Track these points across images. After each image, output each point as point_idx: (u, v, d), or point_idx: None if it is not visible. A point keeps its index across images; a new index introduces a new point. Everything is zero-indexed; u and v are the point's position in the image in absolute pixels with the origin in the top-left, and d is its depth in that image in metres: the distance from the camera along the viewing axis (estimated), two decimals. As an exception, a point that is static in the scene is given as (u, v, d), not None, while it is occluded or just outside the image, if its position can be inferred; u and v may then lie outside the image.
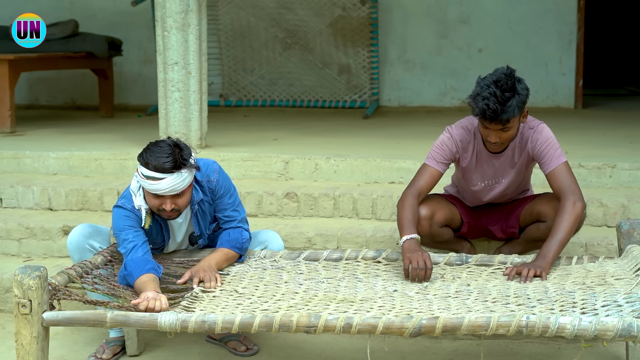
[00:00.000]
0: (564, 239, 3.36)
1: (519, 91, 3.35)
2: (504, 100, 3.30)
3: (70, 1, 8.56)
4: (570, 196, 3.41)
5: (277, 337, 3.77)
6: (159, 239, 3.49)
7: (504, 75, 3.37)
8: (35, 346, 2.82)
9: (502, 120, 3.33)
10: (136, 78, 8.66)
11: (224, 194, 3.51)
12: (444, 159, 3.61)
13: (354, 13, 7.99)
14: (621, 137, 5.96)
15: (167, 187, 3.22)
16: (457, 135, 3.59)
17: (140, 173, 3.26)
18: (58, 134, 6.35)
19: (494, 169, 3.62)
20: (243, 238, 3.51)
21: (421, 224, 3.57)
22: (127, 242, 3.29)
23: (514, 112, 3.33)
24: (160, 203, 3.28)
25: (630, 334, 2.61)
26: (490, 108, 3.30)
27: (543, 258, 3.31)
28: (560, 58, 8.15)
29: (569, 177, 3.48)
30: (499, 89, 3.31)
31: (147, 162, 3.22)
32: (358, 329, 2.72)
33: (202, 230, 3.54)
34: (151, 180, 3.22)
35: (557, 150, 3.51)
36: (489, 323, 2.67)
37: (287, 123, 6.97)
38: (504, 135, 3.42)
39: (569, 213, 3.38)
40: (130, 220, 3.34)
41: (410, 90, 8.39)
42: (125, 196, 3.41)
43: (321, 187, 4.76)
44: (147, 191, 3.29)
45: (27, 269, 2.84)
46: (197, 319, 2.79)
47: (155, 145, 3.28)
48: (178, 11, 4.94)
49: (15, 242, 4.50)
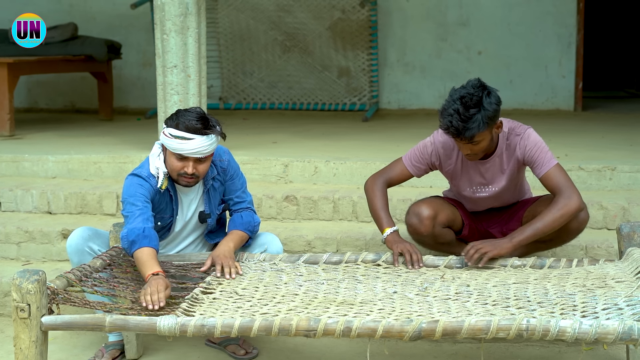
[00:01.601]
0: (540, 228, 3.39)
1: (485, 106, 3.32)
2: (467, 118, 3.29)
3: (70, 4, 8.56)
4: (566, 193, 3.43)
5: (277, 341, 3.76)
6: (167, 212, 3.50)
7: (472, 88, 3.35)
8: (34, 350, 2.81)
9: (466, 137, 3.33)
10: (135, 81, 8.66)
11: (234, 175, 3.59)
12: (420, 163, 3.64)
13: (354, 16, 7.99)
14: (621, 140, 5.96)
15: (194, 148, 3.29)
16: (439, 142, 3.60)
17: (168, 134, 3.33)
18: (57, 138, 6.35)
19: (481, 175, 3.62)
20: (255, 221, 3.57)
21: (424, 224, 3.59)
22: (135, 207, 3.30)
23: (478, 128, 3.31)
24: (182, 166, 3.34)
25: (631, 337, 2.60)
26: (453, 125, 3.31)
27: (510, 238, 3.38)
28: (560, 60, 8.15)
29: (564, 177, 3.49)
30: (463, 105, 3.30)
31: (178, 122, 3.31)
32: (358, 332, 2.71)
33: (212, 209, 3.56)
34: (180, 140, 3.29)
35: (547, 154, 3.52)
36: (489, 327, 2.67)
37: (286, 126, 6.97)
38: (475, 148, 3.41)
39: (557, 207, 3.41)
40: (143, 188, 3.37)
41: (409, 93, 8.39)
42: (141, 166, 3.47)
43: (321, 190, 4.76)
44: (170, 153, 3.35)
45: (25, 273, 2.83)
46: (196, 323, 2.78)
47: (185, 110, 3.41)
48: (177, 14, 4.94)
49: (14, 246, 4.50)
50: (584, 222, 3.60)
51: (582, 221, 3.58)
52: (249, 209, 3.62)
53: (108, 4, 8.54)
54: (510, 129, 3.56)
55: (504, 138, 3.55)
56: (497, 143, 3.54)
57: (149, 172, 3.41)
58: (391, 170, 3.68)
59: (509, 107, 8.00)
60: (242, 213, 3.58)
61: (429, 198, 3.77)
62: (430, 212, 3.60)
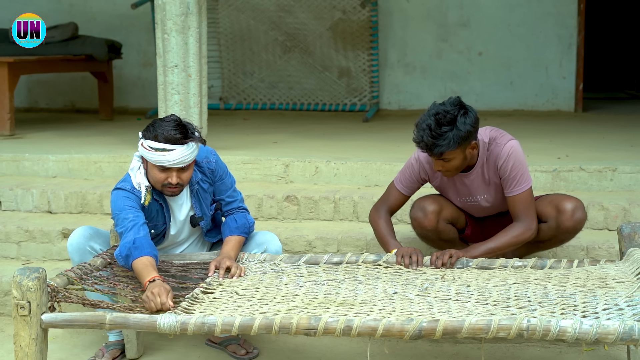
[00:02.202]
0: (493, 248, 3.49)
1: (459, 126, 3.32)
2: (438, 135, 3.31)
3: (70, 4, 8.56)
4: (525, 222, 3.50)
5: (277, 341, 3.76)
6: (159, 220, 3.48)
7: (449, 106, 3.35)
8: (34, 348, 2.81)
9: (435, 153, 3.35)
10: (136, 81, 8.66)
11: (223, 175, 3.57)
12: (410, 182, 3.68)
13: (354, 16, 7.99)
14: (622, 141, 5.96)
15: (176, 159, 3.26)
16: (423, 158, 3.61)
17: (147, 147, 3.28)
18: (57, 137, 6.35)
19: (466, 187, 3.63)
20: (249, 222, 3.58)
21: (429, 218, 3.60)
22: (127, 220, 3.28)
23: (448, 147, 3.32)
24: (166, 177, 3.31)
25: (631, 337, 2.59)
26: (423, 140, 3.35)
27: (464, 252, 3.46)
28: (560, 61, 8.14)
29: (529, 204, 3.52)
30: (436, 121, 3.32)
31: (157, 134, 3.26)
32: (358, 331, 2.70)
33: (203, 211, 3.54)
34: (161, 152, 3.25)
35: (523, 175, 3.51)
36: (490, 326, 2.66)
37: (287, 126, 6.97)
38: (447, 165, 3.42)
39: (513, 234, 3.50)
40: (130, 200, 3.34)
41: (410, 94, 8.38)
42: (124, 180, 3.44)
43: (321, 191, 4.75)
44: (152, 166, 3.31)
45: (26, 270, 2.83)
46: (196, 321, 2.78)
47: (161, 120, 3.34)
48: (178, 14, 4.94)
49: (14, 245, 4.49)
50: (581, 221, 3.60)
51: (578, 221, 3.58)
52: (240, 208, 3.61)
53: (108, 3, 8.54)
54: (491, 139, 3.54)
55: (485, 149, 3.53)
56: (477, 155, 3.53)
57: (132, 185, 3.39)
58: (388, 197, 3.72)
59: (510, 108, 8.02)
60: (235, 215, 3.56)
61: (434, 194, 3.78)
62: (435, 207, 3.62)
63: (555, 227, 3.59)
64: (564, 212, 3.56)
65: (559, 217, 3.56)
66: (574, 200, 3.61)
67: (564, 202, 3.58)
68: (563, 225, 3.57)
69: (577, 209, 3.57)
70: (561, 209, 3.56)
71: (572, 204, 3.58)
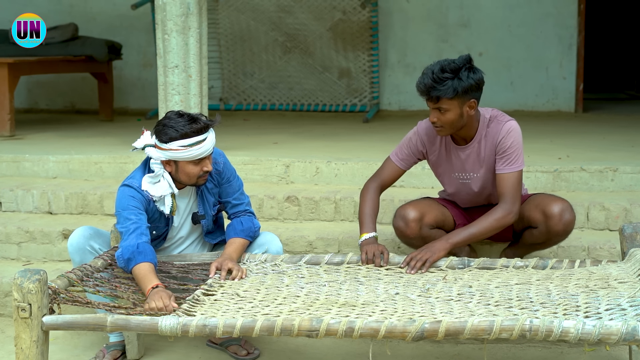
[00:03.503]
0: (475, 234, 3.48)
1: (461, 77, 3.37)
2: (439, 80, 3.37)
3: (70, 5, 8.56)
4: (508, 205, 3.49)
5: (279, 342, 3.75)
6: (162, 222, 3.49)
7: (458, 59, 3.42)
8: (34, 350, 2.80)
9: (432, 97, 3.40)
10: (136, 82, 8.65)
11: (231, 178, 3.57)
12: (407, 155, 3.69)
13: (354, 17, 7.99)
14: (622, 141, 5.96)
15: (210, 146, 3.34)
16: (423, 130, 3.66)
17: (179, 147, 3.28)
18: (58, 138, 6.34)
19: (461, 162, 3.63)
20: (255, 226, 3.56)
21: (410, 227, 3.60)
22: (129, 222, 3.28)
23: (446, 93, 3.36)
24: (201, 167, 3.36)
25: (634, 337, 2.59)
26: (423, 82, 3.40)
27: (447, 239, 3.45)
28: (560, 62, 8.14)
29: (515, 187, 3.51)
30: (440, 68, 3.39)
31: (183, 133, 3.28)
32: (360, 333, 2.70)
33: (206, 210, 3.54)
34: (197, 145, 3.29)
35: (518, 155, 3.52)
36: (492, 327, 2.66)
37: (287, 127, 6.97)
38: (442, 117, 3.44)
39: (495, 217, 3.48)
40: (135, 200, 3.35)
41: (410, 94, 8.36)
42: (133, 176, 3.44)
43: (322, 191, 4.75)
44: (185, 163, 3.33)
45: (26, 272, 2.82)
46: (198, 323, 2.77)
47: (168, 120, 3.34)
48: (178, 14, 4.93)
49: (14, 246, 4.49)
50: (570, 223, 3.57)
51: (567, 223, 3.56)
52: (247, 211, 3.59)
53: (108, 4, 8.54)
54: (492, 116, 3.57)
55: (485, 125, 3.56)
56: (477, 128, 3.55)
57: (140, 184, 3.38)
58: (382, 171, 3.72)
59: (510, 108, 8.01)
60: (242, 218, 3.55)
61: (417, 200, 3.77)
62: (415, 215, 3.60)
63: (546, 232, 3.57)
64: (551, 216, 3.53)
65: (548, 222, 3.54)
66: (560, 202, 3.57)
67: (551, 206, 3.55)
68: (553, 230, 3.55)
69: (564, 211, 3.54)
70: (548, 214, 3.53)
71: (559, 206, 3.54)
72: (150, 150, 3.38)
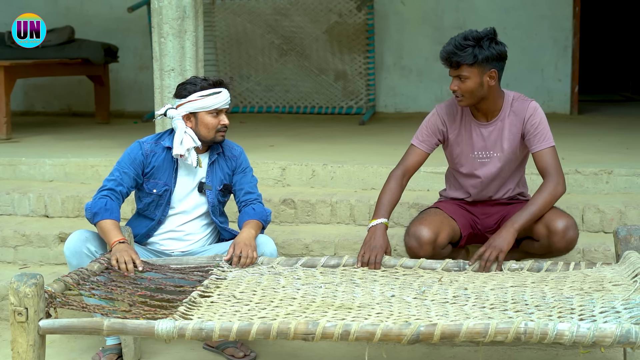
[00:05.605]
0: (534, 211, 3.48)
1: (484, 45, 3.44)
2: (461, 46, 3.44)
3: (66, 7, 8.57)
4: (555, 178, 3.52)
5: (275, 344, 3.76)
6: (162, 179, 3.61)
7: (484, 31, 3.49)
8: (31, 354, 2.80)
9: (453, 62, 3.46)
10: (132, 84, 8.66)
11: (247, 169, 3.75)
12: (427, 136, 3.71)
13: (350, 19, 8.00)
14: (617, 143, 5.98)
15: (226, 98, 3.62)
16: (442, 109, 3.71)
17: (198, 97, 3.56)
18: (54, 141, 6.34)
19: (483, 140, 3.63)
20: (267, 212, 3.69)
21: (424, 249, 3.52)
22: (111, 178, 3.56)
23: (466, 59, 3.42)
24: (219, 120, 3.59)
25: (628, 340, 2.60)
26: (445, 49, 3.50)
27: (511, 224, 3.44)
28: (555, 64, 8.17)
29: (556, 160, 3.57)
30: (463, 36, 3.48)
31: (201, 85, 3.58)
32: (356, 336, 2.70)
33: (213, 183, 3.66)
34: (214, 95, 3.58)
35: (549, 132, 3.60)
36: (488, 330, 2.66)
37: (283, 129, 6.98)
38: (462, 85, 3.48)
39: (548, 192, 3.50)
40: (129, 157, 3.59)
41: (406, 97, 8.40)
42: (150, 138, 3.67)
43: (318, 194, 4.76)
44: (204, 114, 3.57)
45: (23, 276, 2.82)
46: (194, 326, 2.77)
47: (187, 81, 3.67)
48: (174, 17, 4.94)
49: (11, 250, 4.49)
50: (573, 241, 3.55)
51: (570, 241, 3.53)
52: (257, 200, 3.70)
53: (105, 7, 8.54)
54: (515, 97, 3.63)
55: (509, 103, 3.60)
56: (501, 105, 3.59)
57: (152, 144, 3.62)
58: (405, 157, 3.74)
59: (506, 110, 8.03)
60: (254, 205, 3.66)
61: (430, 216, 3.65)
62: (430, 236, 3.51)
63: (547, 246, 3.55)
64: (555, 232, 3.49)
65: (550, 238, 3.50)
66: (565, 218, 3.52)
67: (556, 222, 3.50)
68: (555, 246, 3.53)
69: (569, 229, 3.50)
70: (552, 230, 3.49)
71: (564, 223, 3.49)
72: (172, 111, 3.61)
